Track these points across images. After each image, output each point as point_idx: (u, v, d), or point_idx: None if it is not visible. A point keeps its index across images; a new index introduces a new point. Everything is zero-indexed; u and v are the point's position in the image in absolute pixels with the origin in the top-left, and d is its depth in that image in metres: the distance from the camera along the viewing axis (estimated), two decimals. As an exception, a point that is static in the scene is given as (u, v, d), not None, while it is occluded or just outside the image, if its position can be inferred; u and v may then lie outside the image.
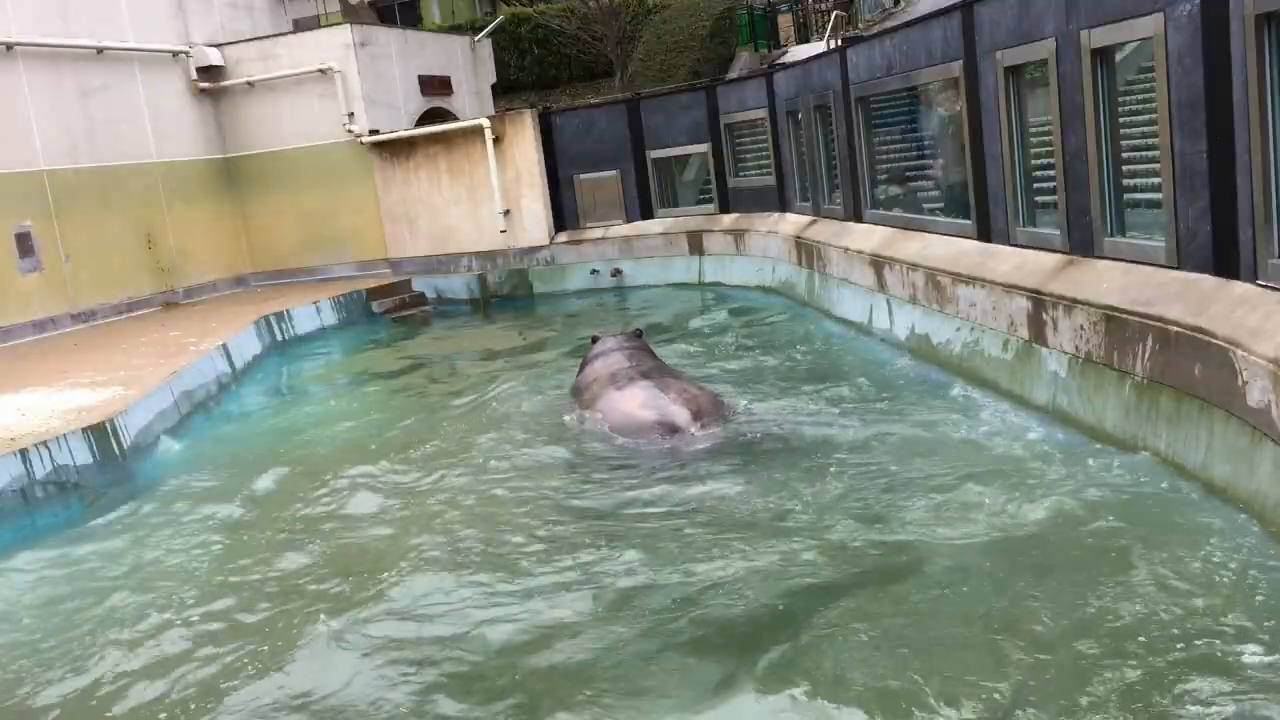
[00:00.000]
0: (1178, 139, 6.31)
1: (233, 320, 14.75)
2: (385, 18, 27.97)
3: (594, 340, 10.30)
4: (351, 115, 18.41)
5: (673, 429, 8.21)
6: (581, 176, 17.83)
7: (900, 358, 10.14)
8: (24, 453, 8.38)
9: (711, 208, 17.07)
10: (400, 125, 18.97)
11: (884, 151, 11.81)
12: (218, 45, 18.81)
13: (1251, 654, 4.41)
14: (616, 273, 17.51)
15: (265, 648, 5.65)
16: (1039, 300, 7.58)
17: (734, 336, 12.79)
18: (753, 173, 16.33)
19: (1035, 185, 8.42)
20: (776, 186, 15.53)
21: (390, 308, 17.17)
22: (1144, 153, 7.00)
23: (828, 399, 9.12)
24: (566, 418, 9.26)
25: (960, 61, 9.12)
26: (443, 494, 7.86)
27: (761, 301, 14.89)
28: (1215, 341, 5.64)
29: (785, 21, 27.85)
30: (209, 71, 18.72)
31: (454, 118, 20.01)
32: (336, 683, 5.20)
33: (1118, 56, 7.11)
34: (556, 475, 7.99)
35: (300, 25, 20.99)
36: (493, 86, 22.94)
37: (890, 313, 10.61)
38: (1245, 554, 5.17)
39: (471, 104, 21.47)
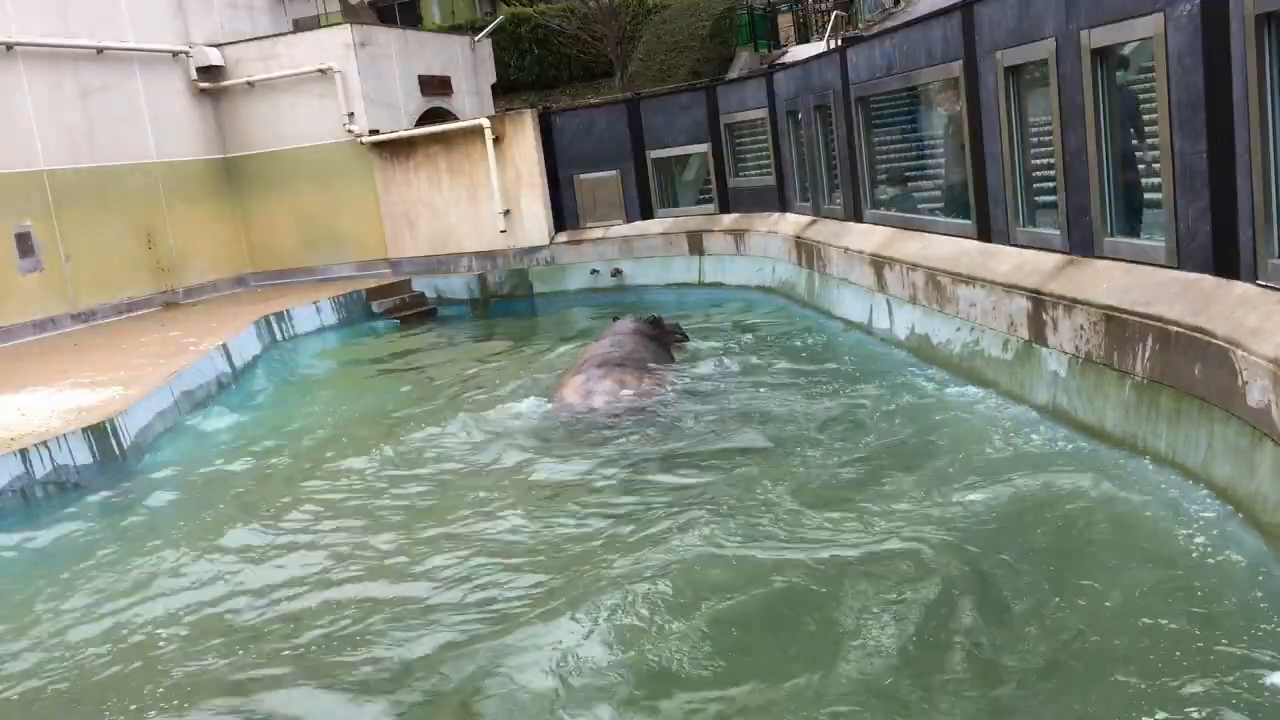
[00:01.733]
0: (1178, 139, 6.31)
1: (233, 320, 14.75)
2: (385, 18, 27.96)
3: (614, 320, 11.47)
4: (351, 115, 18.40)
5: (581, 411, 9.09)
6: (581, 176, 17.82)
7: (894, 356, 10.20)
8: (24, 452, 8.38)
9: (711, 208, 17.06)
10: (400, 125, 18.97)
11: (884, 151, 11.81)
12: (218, 45, 18.80)
13: (1237, 658, 4.41)
14: (616, 273, 17.50)
15: (263, 645, 5.65)
16: (1039, 300, 7.59)
17: (728, 336, 12.86)
18: (753, 173, 16.33)
19: (1035, 185, 8.42)
20: (776, 186, 15.53)
21: (390, 308, 17.17)
22: (1144, 153, 7.00)
23: (797, 392, 9.45)
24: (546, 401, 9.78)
25: (960, 61, 9.12)
26: (438, 489, 7.92)
27: (760, 301, 14.90)
28: (1215, 341, 5.63)
29: (785, 21, 27.85)
30: (209, 71, 18.72)
31: (454, 118, 20.00)
32: (332, 676, 5.21)
33: (1118, 56, 7.11)
34: (528, 469, 8.22)
35: (300, 25, 20.98)
36: (493, 86, 22.93)
37: (890, 312, 10.61)
38: (1242, 553, 5.18)
39: (471, 104, 21.46)
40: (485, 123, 17.87)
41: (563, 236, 18.03)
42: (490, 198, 17.98)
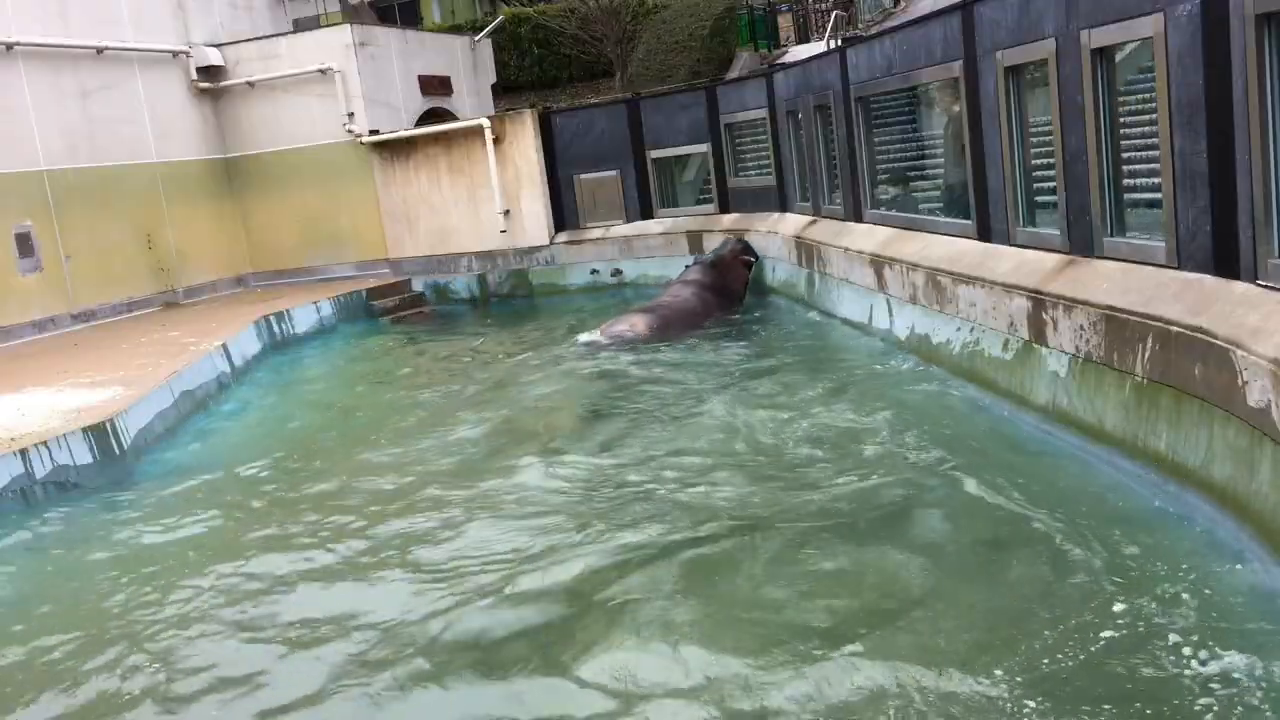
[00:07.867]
0: (1178, 139, 6.31)
1: (232, 320, 14.75)
2: (385, 18, 27.95)
3: (686, 267, 14.85)
4: (351, 115, 18.40)
5: (600, 340, 12.58)
6: (581, 176, 17.83)
7: (889, 352, 10.26)
8: (24, 452, 8.38)
9: (711, 208, 17.06)
10: (400, 125, 18.97)
11: (884, 151, 11.81)
12: (218, 45, 18.80)
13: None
14: (617, 273, 17.51)
15: (263, 645, 5.65)
16: (1039, 300, 7.58)
17: (725, 329, 12.98)
18: (753, 173, 16.33)
19: (1035, 185, 8.42)
20: (776, 186, 15.53)
21: (390, 308, 17.18)
22: (1144, 153, 7.00)
23: (781, 376, 10.31)
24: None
25: (960, 61, 9.11)
26: (436, 486, 7.94)
27: (759, 301, 14.89)
28: (1215, 342, 5.63)
29: (785, 21, 27.81)
30: (209, 71, 18.72)
31: (454, 118, 20.00)
32: (334, 676, 5.21)
33: (1118, 56, 7.11)
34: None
35: (300, 25, 20.97)
36: (493, 86, 22.93)
37: (890, 312, 10.61)
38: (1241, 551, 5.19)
39: (471, 104, 21.47)
40: (485, 123, 17.87)
41: (563, 236, 18.03)
42: (490, 198, 17.99)
